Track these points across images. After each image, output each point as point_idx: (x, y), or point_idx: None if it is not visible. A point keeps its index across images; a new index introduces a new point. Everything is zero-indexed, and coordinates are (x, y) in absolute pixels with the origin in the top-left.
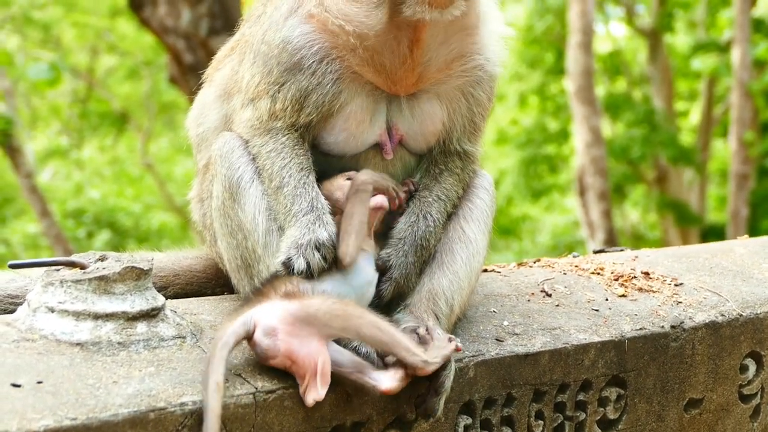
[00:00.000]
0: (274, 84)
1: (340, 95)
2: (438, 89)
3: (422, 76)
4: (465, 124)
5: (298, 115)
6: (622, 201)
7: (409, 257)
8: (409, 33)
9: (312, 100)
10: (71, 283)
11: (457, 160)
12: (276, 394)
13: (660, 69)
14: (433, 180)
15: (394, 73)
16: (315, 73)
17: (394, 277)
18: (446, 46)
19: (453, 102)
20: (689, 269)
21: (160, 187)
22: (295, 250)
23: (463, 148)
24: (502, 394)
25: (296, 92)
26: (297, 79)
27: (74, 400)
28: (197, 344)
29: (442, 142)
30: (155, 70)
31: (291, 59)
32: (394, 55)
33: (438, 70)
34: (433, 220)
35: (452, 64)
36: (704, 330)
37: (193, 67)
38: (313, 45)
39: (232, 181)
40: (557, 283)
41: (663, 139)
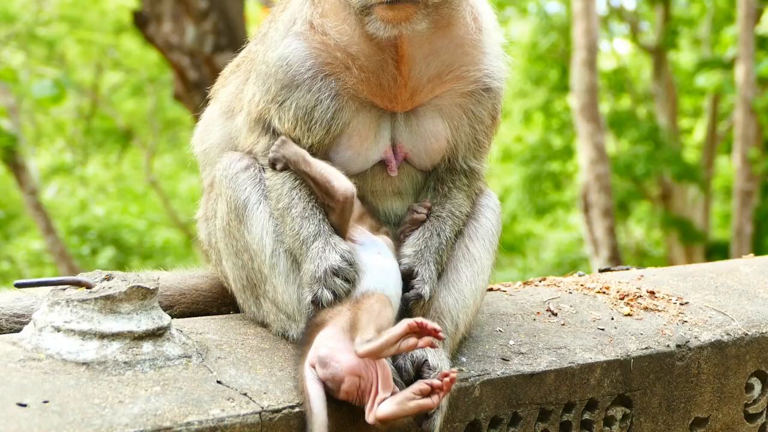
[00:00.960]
0: (273, 102)
1: (341, 112)
2: (440, 106)
3: (415, 91)
4: (469, 141)
5: (308, 135)
6: (626, 218)
7: (431, 266)
8: (391, 49)
9: (316, 117)
10: (77, 303)
11: (464, 177)
12: (282, 413)
13: (664, 86)
14: (444, 197)
15: (389, 90)
16: (311, 89)
17: (425, 278)
18: (435, 58)
19: (455, 119)
20: (695, 288)
21: (164, 204)
22: (318, 285)
23: (469, 165)
24: (507, 413)
25: (298, 110)
26: (295, 97)
27: (80, 419)
28: (203, 364)
29: (448, 160)
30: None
31: (286, 76)
32: (384, 72)
33: (432, 85)
34: (446, 237)
35: (447, 79)
36: (710, 349)
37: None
38: (305, 61)
39: (239, 203)
40: (563, 302)
41: (667, 156)
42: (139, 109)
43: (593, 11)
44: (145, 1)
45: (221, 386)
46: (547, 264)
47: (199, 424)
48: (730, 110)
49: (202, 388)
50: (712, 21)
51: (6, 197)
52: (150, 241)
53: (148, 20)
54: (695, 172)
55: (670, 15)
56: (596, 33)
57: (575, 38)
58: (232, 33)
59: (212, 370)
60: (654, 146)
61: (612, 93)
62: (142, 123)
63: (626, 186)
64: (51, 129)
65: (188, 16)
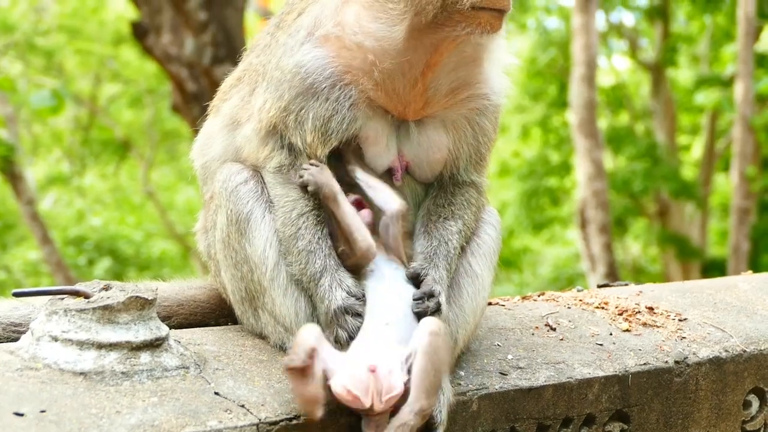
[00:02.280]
0: (286, 111)
1: (356, 121)
2: (444, 117)
3: (430, 101)
4: (471, 153)
5: (323, 146)
6: (623, 234)
7: (441, 270)
8: (427, 56)
9: (333, 127)
10: (75, 312)
11: (467, 190)
12: (279, 425)
13: (663, 103)
14: (449, 209)
15: (404, 97)
16: (329, 99)
17: (435, 278)
18: (455, 72)
19: (459, 130)
20: (693, 304)
21: (161, 215)
22: (333, 326)
23: (470, 178)
24: (505, 428)
25: (316, 120)
26: (312, 106)
27: (77, 429)
28: (201, 375)
29: (449, 172)
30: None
31: (303, 84)
32: (405, 78)
33: (445, 97)
34: (453, 247)
35: (458, 92)
36: (708, 365)
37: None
38: (325, 69)
39: (240, 216)
40: (561, 317)
41: (665, 173)
42: (137, 120)
43: (592, 27)
44: (144, 12)
45: (219, 397)
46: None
47: None
48: (729, 128)
49: (199, 399)
50: (712, 38)
51: (3, 207)
52: (147, 252)
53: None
54: (693, 189)
55: (670, 32)
56: (595, 49)
57: (574, 54)
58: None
59: (210, 381)
60: (652, 163)
61: (610, 109)
62: (139, 134)
63: (623, 202)
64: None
65: (187, 27)
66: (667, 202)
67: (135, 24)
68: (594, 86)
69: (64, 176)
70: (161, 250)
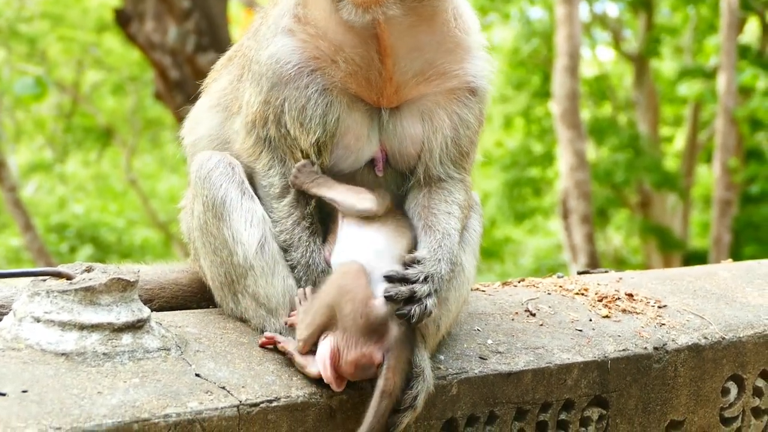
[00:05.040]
0: (266, 104)
1: (332, 108)
2: (422, 107)
3: (400, 86)
4: (448, 147)
5: (305, 134)
6: (605, 225)
7: (443, 264)
8: (372, 41)
9: (309, 114)
10: (57, 294)
11: (453, 188)
12: (260, 407)
13: (646, 94)
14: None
15: (376, 85)
16: (299, 86)
17: (429, 272)
18: (419, 54)
19: (435, 121)
20: (673, 292)
21: (143, 203)
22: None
23: (448, 173)
24: (484, 411)
25: (291, 111)
26: (285, 96)
27: (59, 409)
28: (182, 356)
29: (425, 165)
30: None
31: (275, 74)
32: (370, 67)
33: (416, 81)
34: (456, 240)
35: (431, 76)
36: (687, 352)
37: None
38: (292, 57)
39: (216, 201)
40: (541, 302)
41: (647, 164)
42: (120, 108)
43: (576, 18)
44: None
45: (200, 379)
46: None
47: (177, 416)
48: (711, 119)
49: (180, 381)
50: (695, 30)
51: None
52: (129, 240)
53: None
54: (675, 181)
55: (653, 23)
56: (578, 39)
57: (557, 44)
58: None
59: (191, 363)
60: (634, 154)
61: (593, 100)
62: (122, 122)
63: (606, 193)
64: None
65: (171, 15)
66: (649, 193)
67: (118, 11)
68: (577, 77)
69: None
70: (143, 238)
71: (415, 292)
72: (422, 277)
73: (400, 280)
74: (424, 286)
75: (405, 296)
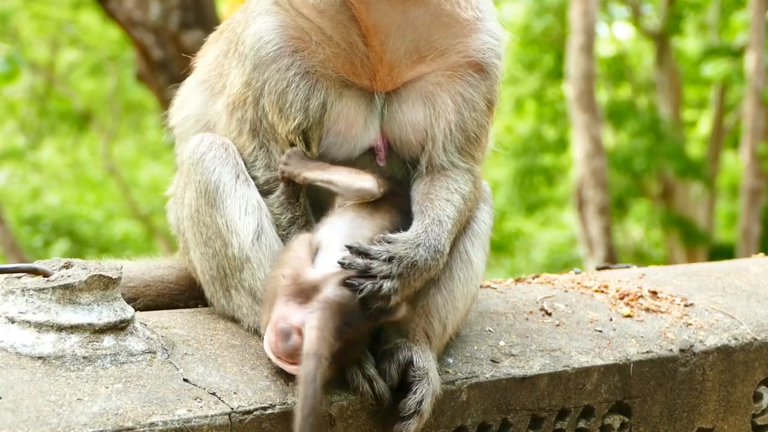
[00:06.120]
0: (246, 86)
1: (316, 92)
2: (423, 90)
3: (393, 67)
4: (453, 131)
5: (285, 121)
6: (623, 217)
7: (420, 250)
8: (352, 22)
9: (290, 99)
10: (33, 292)
11: (458, 177)
12: (253, 415)
13: (667, 75)
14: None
15: (366, 68)
16: (279, 68)
17: (397, 253)
18: (411, 30)
19: (437, 104)
20: (700, 289)
21: (123, 194)
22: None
23: (453, 162)
24: (497, 419)
25: (271, 94)
26: (265, 78)
27: (35, 417)
28: (169, 360)
29: (429, 154)
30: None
31: (256, 55)
32: (354, 50)
33: (411, 60)
34: (446, 229)
35: (427, 53)
36: (716, 354)
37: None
38: (273, 35)
39: (209, 186)
40: (558, 301)
41: (669, 151)
42: (99, 90)
43: None
44: None
45: (188, 385)
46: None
47: (164, 425)
48: (739, 102)
49: (167, 387)
50: (721, 5)
51: None
52: (108, 233)
53: None
54: (699, 168)
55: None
56: (595, 16)
57: (572, 21)
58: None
59: (178, 367)
60: (655, 139)
61: (611, 81)
62: (101, 105)
63: (624, 182)
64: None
65: None
66: (671, 182)
67: None
68: (593, 56)
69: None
70: (123, 232)
71: (371, 268)
72: (386, 256)
73: (359, 252)
74: (383, 266)
75: (359, 268)
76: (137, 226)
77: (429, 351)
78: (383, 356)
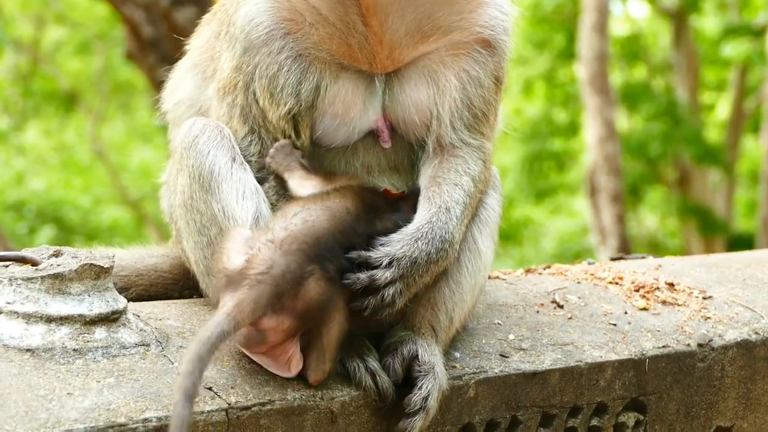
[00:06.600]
0: (237, 71)
1: (309, 75)
2: (427, 68)
3: (394, 47)
4: (459, 109)
5: (275, 106)
6: (637, 205)
7: (419, 244)
8: (351, 2)
9: (281, 83)
10: (21, 281)
11: (467, 156)
12: (251, 411)
13: (684, 55)
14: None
15: (364, 49)
16: (271, 52)
17: (394, 254)
18: (413, 9)
19: (441, 82)
20: (719, 281)
21: (112, 178)
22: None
23: (463, 140)
24: (506, 416)
25: (262, 78)
26: (256, 62)
27: (24, 413)
28: (163, 353)
29: (435, 133)
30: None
31: (247, 38)
32: (352, 30)
33: (412, 39)
34: (455, 215)
35: (430, 32)
36: (735, 349)
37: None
38: (264, 17)
39: (203, 171)
40: (570, 293)
41: (686, 136)
42: (86, 70)
43: None
44: None
45: None
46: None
47: (158, 420)
48: (760, 84)
49: (161, 381)
50: None
51: None
52: (96, 220)
53: None
54: (717, 154)
55: None
56: None
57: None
58: None
59: (173, 360)
60: (671, 123)
61: (625, 62)
62: (88, 85)
63: (639, 168)
64: None
65: None
66: (688, 168)
67: None
68: (606, 36)
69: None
70: (112, 218)
71: (375, 280)
72: (387, 261)
73: (360, 263)
74: (386, 272)
75: (364, 284)
76: (126, 212)
77: (435, 345)
78: (387, 350)
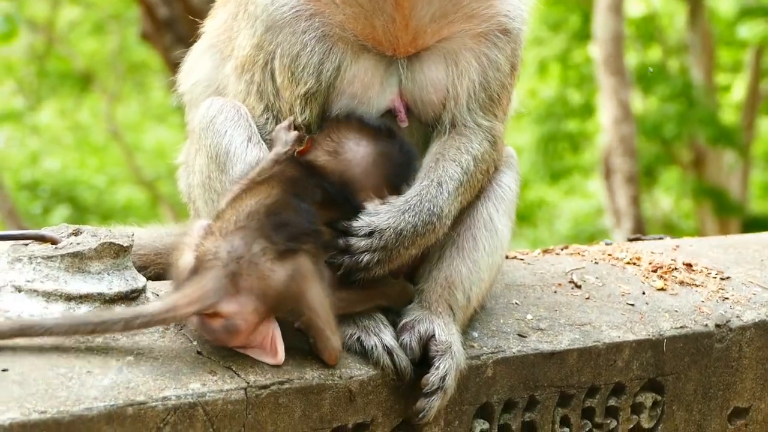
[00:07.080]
0: (257, 48)
1: (331, 55)
2: (446, 50)
3: (418, 33)
4: (477, 92)
5: (296, 84)
6: (652, 186)
7: (406, 216)
8: None
9: (303, 62)
10: (41, 260)
11: (473, 135)
12: (270, 389)
13: (700, 36)
14: (449, 149)
15: (388, 32)
16: (295, 32)
17: (377, 225)
18: None
19: (461, 64)
20: (737, 261)
21: (127, 158)
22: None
23: (476, 121)
24: (523, 396)
25: (283, 57)
26: (278, 41)
27: (44, 391)
28: (182, 332)
29: (451, 113)
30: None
31: (270, 17)
32: (381, 12)
33: (437, 25)
34: (447, 190)
35: (455, 18)
36: (753, 330)
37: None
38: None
39: (220, 150)
40: (588, 273)
41: (701, 117)
42: (101, 50)
43: None
44: None
45: (202, 358)
46: (562, 236)
47: (177, 399)
48: None
49: (180, 360)
50: None
51: None
52: (110, 200)
53: None
54: (733, 136)
55: None
56: None
57: None
58: None
59: (192, 339)
60: (687, 105)
61: (640, 43)
62: (103, 65)
63: (654, 149)
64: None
65: None
66: (703, 149)
67: None
68: (622, 16)
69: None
70: (126, 198)
71: (350, 245)
72: (366, 230)
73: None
74: (363, 241)
75: (340, 248)
76: (141, 192)
77: (452, 324)
78: (403, 328)
